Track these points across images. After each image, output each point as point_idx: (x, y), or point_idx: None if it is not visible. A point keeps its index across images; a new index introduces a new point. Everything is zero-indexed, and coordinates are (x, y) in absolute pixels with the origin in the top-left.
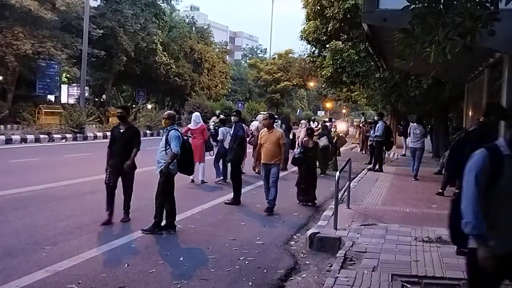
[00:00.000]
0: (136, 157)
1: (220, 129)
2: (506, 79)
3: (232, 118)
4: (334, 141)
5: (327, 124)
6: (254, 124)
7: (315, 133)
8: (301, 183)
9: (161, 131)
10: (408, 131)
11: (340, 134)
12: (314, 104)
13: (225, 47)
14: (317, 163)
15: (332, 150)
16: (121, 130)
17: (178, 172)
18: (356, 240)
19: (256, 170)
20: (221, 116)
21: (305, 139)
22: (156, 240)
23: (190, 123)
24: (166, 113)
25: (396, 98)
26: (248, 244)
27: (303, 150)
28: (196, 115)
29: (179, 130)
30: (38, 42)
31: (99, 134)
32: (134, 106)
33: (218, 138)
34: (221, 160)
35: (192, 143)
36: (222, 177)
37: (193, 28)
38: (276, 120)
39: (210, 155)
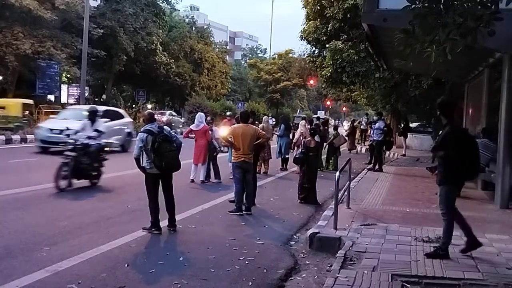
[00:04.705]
0: None
1: None
2: (506, 79)
3: None
4: (331, 140)
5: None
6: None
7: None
8: (304, 183)
9: None
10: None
11: (340, 134)
12: (314, 104)
13: (225, 47)
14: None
15: (331, 149)
16: None
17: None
18: (356, 240)
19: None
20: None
21: (307, 139)
22: (156, 240)
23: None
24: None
25: (396, 98)
26: (248, 244)
27: (304, 150)
28: (200, 115)
29: (151, 129)
30: (38, 42)
31: None
32: (134, 106)
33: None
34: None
35: (195, 145)
36: (216, 178)
37: (193, 28)
38: None
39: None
